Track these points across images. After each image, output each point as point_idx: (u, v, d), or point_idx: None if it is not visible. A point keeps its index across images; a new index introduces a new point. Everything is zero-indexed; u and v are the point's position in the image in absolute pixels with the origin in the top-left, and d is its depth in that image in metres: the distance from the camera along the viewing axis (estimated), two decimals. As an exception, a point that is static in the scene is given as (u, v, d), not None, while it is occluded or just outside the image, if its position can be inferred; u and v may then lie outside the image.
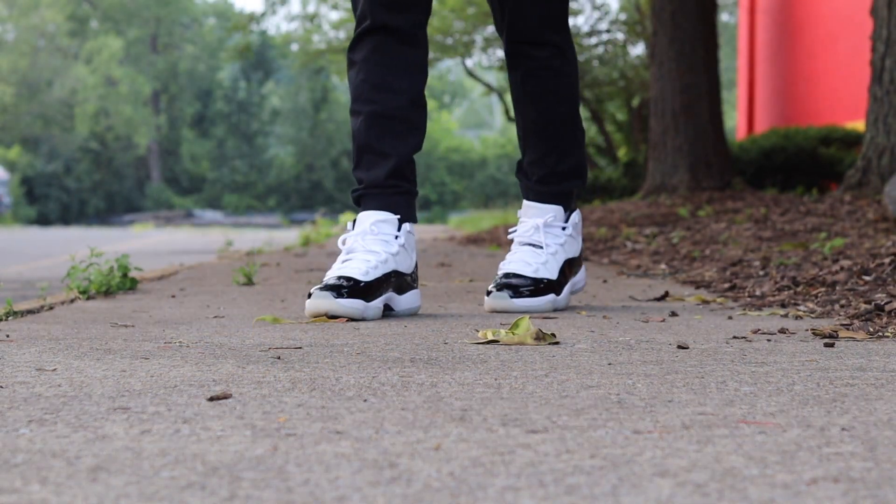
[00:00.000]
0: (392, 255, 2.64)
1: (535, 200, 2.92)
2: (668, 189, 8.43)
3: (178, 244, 13.63)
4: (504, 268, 2.83)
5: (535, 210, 2.91)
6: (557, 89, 2.89)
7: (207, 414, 1.31)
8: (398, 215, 2.69)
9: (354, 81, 2.73)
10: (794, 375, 1.64)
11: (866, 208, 5.46)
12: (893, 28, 5.93)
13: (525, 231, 2.89)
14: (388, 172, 2.69)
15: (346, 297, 2.52)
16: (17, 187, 38.29)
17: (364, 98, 2.70)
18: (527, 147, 2.92)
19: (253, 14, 17.88)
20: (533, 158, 2.92)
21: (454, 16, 15.95)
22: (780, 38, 13.22)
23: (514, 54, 2.88)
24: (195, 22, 51.07)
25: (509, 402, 1.39)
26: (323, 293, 2.52)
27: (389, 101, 2.69)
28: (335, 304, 2.50)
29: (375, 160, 2.70)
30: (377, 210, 2.68)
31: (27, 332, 2.26)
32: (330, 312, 2.50)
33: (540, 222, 2.88)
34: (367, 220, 2.67)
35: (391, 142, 2.70)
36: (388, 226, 2.67)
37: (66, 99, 43.60)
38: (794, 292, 3.03)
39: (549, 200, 2.91)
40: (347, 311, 2.51)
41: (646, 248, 5.42)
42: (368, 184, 2.70)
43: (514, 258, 2.85)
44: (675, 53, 8.54)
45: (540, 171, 2.91)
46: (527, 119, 2.91)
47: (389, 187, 2.70)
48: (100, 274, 3.40)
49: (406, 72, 2.71)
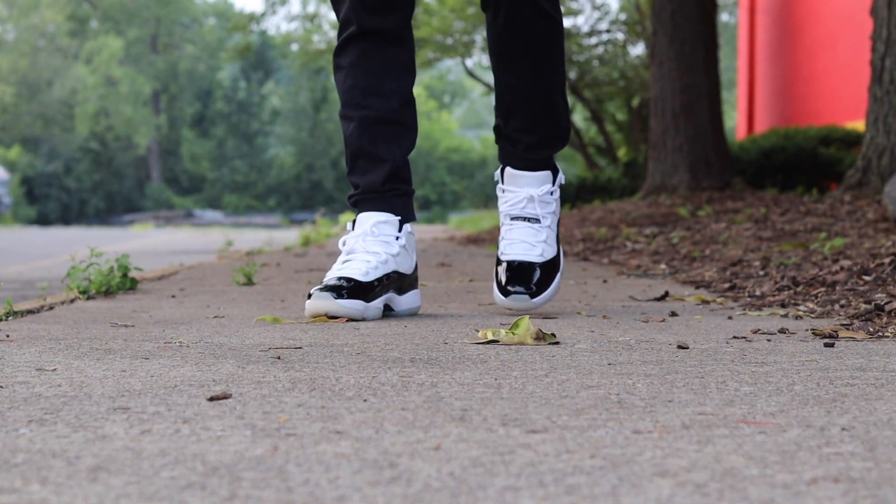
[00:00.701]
0: (392, 255, 2.63)
1: (525, 169, 2.77)
2: (668, 189, 8.43)
3: (178, 244, 13.64)
4: (508, 253, 2.74)
5: (526, 179, 2.77)
6: (547, 41, 2.70)
7: (207, 414, 1.31)
8: (399, 216, 2.68)
9: (343, 86, 2.69)
10: (794, 375, 1.64)
11: (866, 208, 5.46)
12: (893, 28, 5.93)
13: (517, 202, 2.77)
14: (385, 177, 2.67)
15: (346, 298, 2.51)
16: (17, 187, 38.29)
17: (354, 103, 2.67)
18: (512, 113, 2.76)
19: (253, 14, 17.89)
20: (520, 125, 2.75)
21: (454, 16, 15.94)
22: (780, 38, 13.22)
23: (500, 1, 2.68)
24: (195, 22, 51.08)
25: (509, 402, 1.39)
26: (323, 294, 2.51)
27: (380, 105, 2.67)
28: (335, 304, 2.50)
29: (371, 165, 2.68)
30: (377, 212, 2.67)
31: (27, 332, 2.26)
32: (330, 313, 2.50)
33: (535, 193, 2.76)
34: (368, 221, 2.66)
35: (385, 146, 2.68)
36: (388, 227, 2.66)
37: (66, 99, 43.62)
38: (794, 292, 3.03)
39: (540, 167, 2.78)
40: (347, 312, 2.50)
41: (646, 248, 5.42)
42: (365, 189, 2.68)
43: (513, 237, 2.75)
44: (675, 53, 8.54)
45: (529, 139, 2.75)
46: (516, 79, 2.72)
47: (387, 191, 2.68)
48: (100, 274, 3.40)
49: (395, 73, 2.68)
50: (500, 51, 2.72)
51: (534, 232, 2.75)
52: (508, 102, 2.75)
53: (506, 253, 2.75)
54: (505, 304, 2.70)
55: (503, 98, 2.75)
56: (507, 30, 2.68)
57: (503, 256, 2.75)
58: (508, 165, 2.79)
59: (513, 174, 2.79)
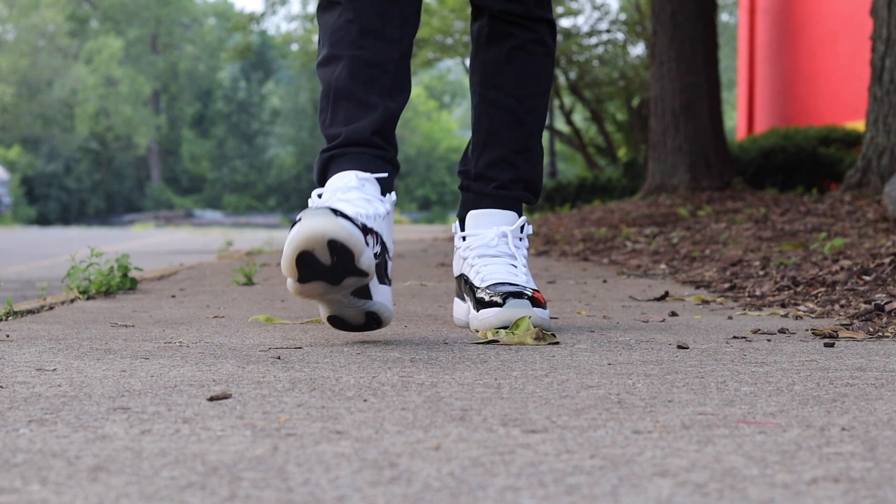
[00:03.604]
0: (381, 216, 2.07)
1: (496, 207, 2.40)
2: (668, 189, 8.44)
3: (178, 244, 13.63)
4: (489, 278, 2.30)
5: (497, 216, 2.40)
6: (544, 73, 2.46)
7: (207, 414, 1.31)
8: (384, 174, 2.17)
9: (335, 23, 2.22)
10: (794, 375, 1.64)
11: (866, 208, 5.46)
12: (893, 28, 5.93)
13: (486, 242, 2.36)
14: (374, 127, 2.17)
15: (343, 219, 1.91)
16: (17, 187, 38.30)
17: (348, 42, 2.20)
18: (490, 141, 2.42)
19: (253, 14, 17.90)
20: (496, 158, 2.42)
21: (454, 16, 15.96)
22: (780, 38, 13.22)
23: (500, 28, 2.43)
24: (195, 22, 51.11)
25: (509, 402, 1.39)
26: (320, 211, 1.90)
27: (380, 49, 2.21)
28: (337, 223, 1.88)
29: (358, 111, 2.18)
30: (360, 171, 2.13)
31: (27, 332, 2.26)
32: (329, 234, 1.87)
33: (508, 230, 2.37)
34: (345, 178, 2.11)
35: (379, 94, 2.20)
36: (371, 186, 2.12)
37: (66, 99, 43.63)
38: (794, 292, 3.03)
39: (511, 206, 2.42)
40: (350, 237, 1.88)
41: (646, 248, 5.42)
42: (349, 139, 2.16)
43: (490, 269, 2.32)
44: (675, 53, 8.55)
45: (505, 174, 2.42)
46: (501, 107, 2.42)
47: (375, 147, 2.17)
48: (100, 274, 3.40)
49: (400, 19, 2.24)
50: (494, 70, 2.44)
51: (512, 268, 2.33)
52: (488, 128, 2.43)
53: (486, 279, 2.30)
54: (499, 315, 2.21)
55: (482, 122, 2.44)
56: (509, 55, 2.43)
57: (481, 283, 2.30)
58: (473, 208, 2.42)
59: (479, 214, 2.41)
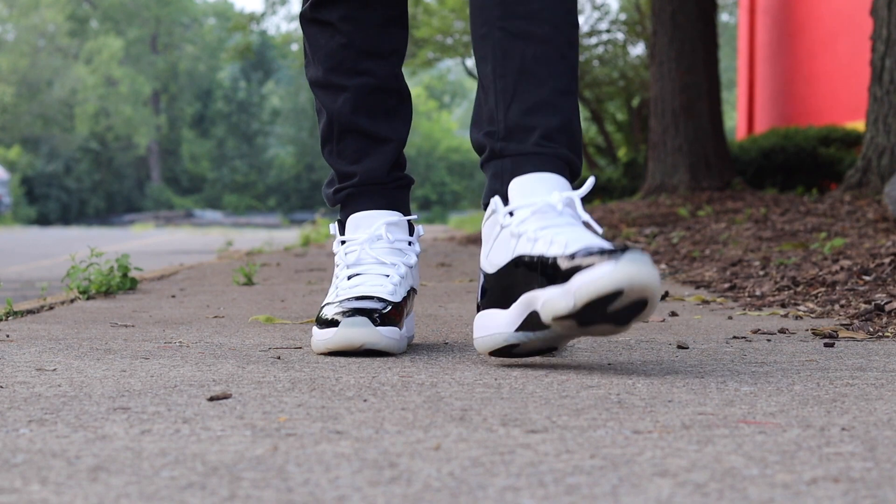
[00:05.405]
0: (410, 267, 2.02)
1: (548, 170, 1.77)
2: (668, 189, 8.44)
3: (178, 244, 13.63)
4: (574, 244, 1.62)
5: (553, 182, 1.76)
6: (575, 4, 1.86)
7: (207, 414, 1.31)
8: (409, 216, 2.10)
9: (329, 46, 2.07)
10: (794, 375, 1.64)
11: (866, 208, 5.46)
12: (893, 28, 5.93)
13: (553, 205, 1.72)
14: (390, 163, 2.08)
15: (382, 325, 1.87)
16: (17, 187, 38.29)
17: (347, 68, 2.07)
18: (520, 89, 1.79)
19: (253, 14, 17.91)
20: (536, 102, 1.79)
21: (454, 16, 15.95)
22: (780, 38, 13.22)
23: None
24: (195, 22, 51.11)
25: (509, 402, 1.39)
26: (357, 320, 1.85)
27: (381, 70, 2.08)
28: (376, 333, 1.85)
29: (368, 147, 2.09)
30: (382, 210, 2.06)
31: (27, 332, 2.26)
32: (368, 345, 1.84)
33: (574, 195, 1.74)
34: (374, 222, 2.04)
35: (387, 122, 2.09)
36: (400, 230, 2.05)
37: (66, 99, 43.63)
38: (794, 292, 3.03)
39: (562, 171, 1.79)
40: (389, 344, 1.86)
41: (646, 248, 5.42)
42: (365, 178, 2.07)
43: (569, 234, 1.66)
44: (675, 53, 8.55)
45: (549, 121, 1.78)
46: (535, 39, 1.79)
47: (392, 181, 2.09)
48: (100, 274, 3.40)
49: (394, 26, 2.09)
50: None
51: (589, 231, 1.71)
52: (519, 67, 1.79)
53: (570, 245, 1.64)
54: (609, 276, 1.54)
55: (508, 63, 1.80)
56: None
57: (566, 249, 1.64)
58: (516, 176, 1.78)
59: (530, 180, 1.77)
